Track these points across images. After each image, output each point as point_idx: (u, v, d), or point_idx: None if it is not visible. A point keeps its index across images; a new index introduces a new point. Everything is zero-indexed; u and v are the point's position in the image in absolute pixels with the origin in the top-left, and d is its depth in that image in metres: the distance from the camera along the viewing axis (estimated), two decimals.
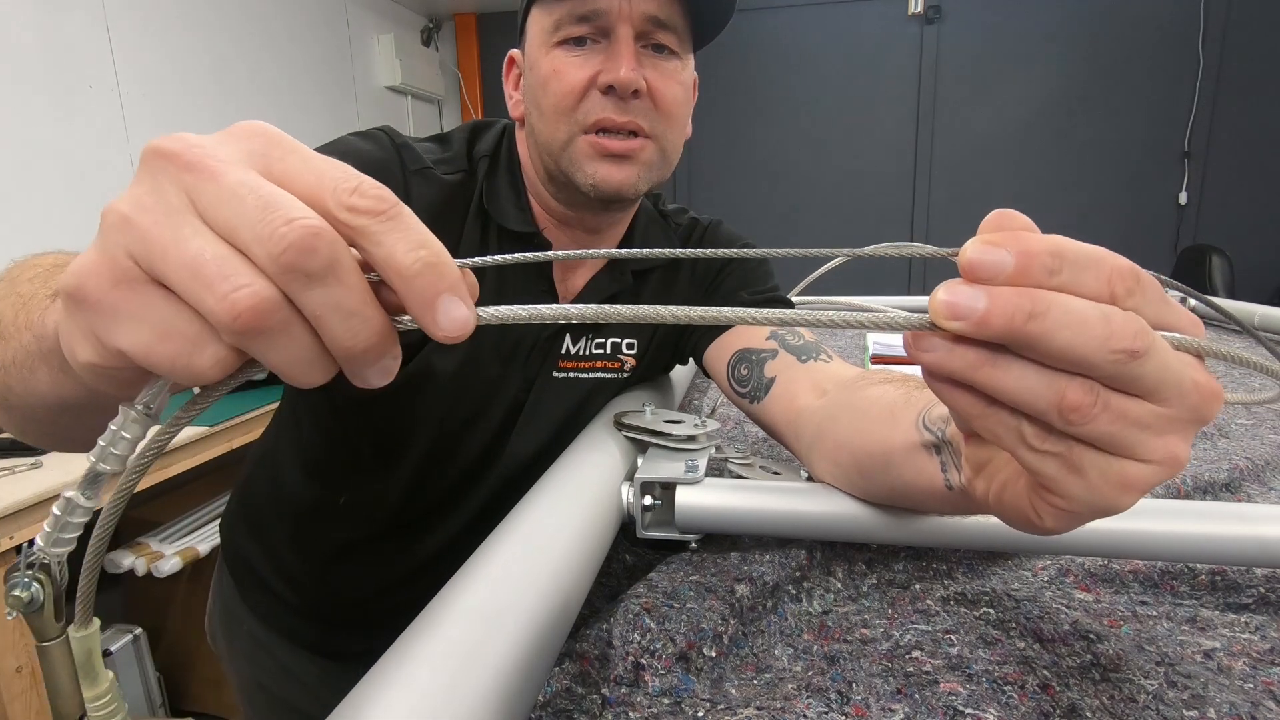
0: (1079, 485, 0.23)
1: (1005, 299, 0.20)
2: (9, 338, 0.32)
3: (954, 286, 0.20)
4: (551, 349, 0.67)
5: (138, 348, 0.19)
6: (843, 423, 0.49)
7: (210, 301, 0.19)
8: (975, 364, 0.21)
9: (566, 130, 0.58)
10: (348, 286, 0.20)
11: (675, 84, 0.59)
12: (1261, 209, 2.99)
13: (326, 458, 0.70)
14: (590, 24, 0.56)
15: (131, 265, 0.19)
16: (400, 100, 3.35)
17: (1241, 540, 0.42)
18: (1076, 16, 3.03)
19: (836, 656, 0.41)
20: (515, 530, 0.41)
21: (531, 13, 0.60)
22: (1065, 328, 0.20)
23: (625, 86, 0.56)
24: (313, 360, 0.21)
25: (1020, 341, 0.20)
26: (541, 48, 0.58)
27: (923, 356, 0.22)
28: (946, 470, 0.36)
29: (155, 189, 0.20)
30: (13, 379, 0.32)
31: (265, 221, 0.18)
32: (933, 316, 0.21)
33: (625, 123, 0.57)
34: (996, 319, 0.20)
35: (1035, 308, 0.20)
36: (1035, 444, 0.22)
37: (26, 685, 1.18)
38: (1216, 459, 0.69)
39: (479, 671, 0.29)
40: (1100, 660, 0.39)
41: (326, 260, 0.19)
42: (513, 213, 0.63)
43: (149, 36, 2.04)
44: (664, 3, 0.57)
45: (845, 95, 3.30)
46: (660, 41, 0.58)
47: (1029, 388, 0.21)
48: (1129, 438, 0.21)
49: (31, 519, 1.16)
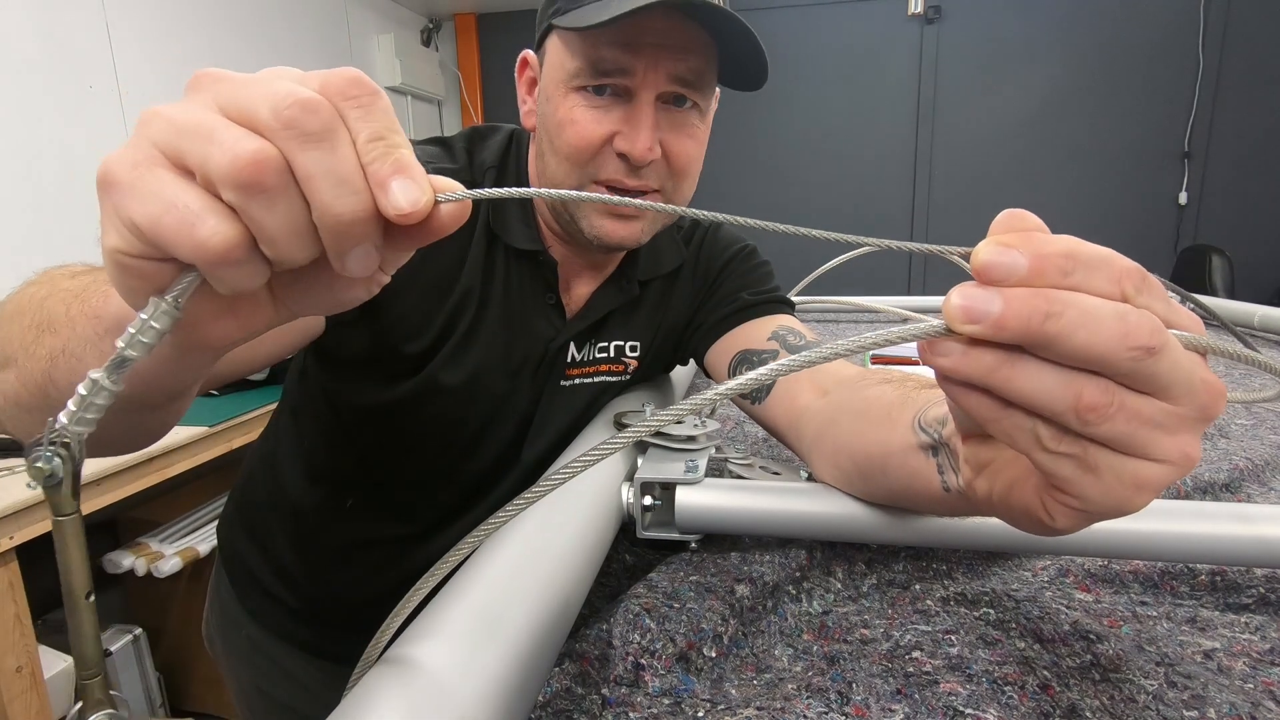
0: (1094, 486, 0.22)
1: (1021, 300, 0.20)
2: (59, 330, 0.33)
3: (968, 290, 0.20)
4: (558, 359, 0.67)
5: (147, 219, 0.21)
6: (842, 424, 0.49)
7: (216, 154, 0.20)
8: (991, 367, 0.21)
9: (577, 180, 0.57)
10: (341, 156, 0.21)
11: (691, 141, 0.58)
12: (1261, 209, 2.99)
13: (331, 463, 0.70)
14: (612, 79, 0.54)
15: (153, 150, 0.22)
16: (400, 100, 3.35)
17: (1241, 540, 0.42)
18: (1077, 16, 3.03)
19: (836, 657, 0.41)
20: (515, 530, 0.41)
21: (551, 38, 0.57)
22: (1082, 327, 0.19)
23: (641, 161, 0.55)
24: (303, 232, 0.22)
25: (1037, 342, 0.20)
26: (560, 85, 0.56)
27: (938, 362, 0.22)
28: (943, 472, 0.36)
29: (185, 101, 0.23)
30: (59, 370, 0.33)
31: (274, 92, 0.21)
32: (947, 321, 0.21)
33: (637, 186, 0.57)
34: (1013, 321, 0.20)
35: (1052, 308, 0.19)
36: (1051, 445, 0.22)
37: (26, 685, 1.18)
38: (1216, 459, 0.69)
39: (479, 671, 0.29)
40: (1100, 660, 0.39)
41: (325, 123, 0.21)
42: (519, 230, 0.62)
43: (149, 36, 2.04)
44: (693, 61, 0.54)
45: (845, 95, 3.30)
46: (683, 94, 0.56)
47: (1046, 389, 0.21)
48: (1143, 437, 0.21)
49: (31, 519, 1.16)
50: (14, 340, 0.35)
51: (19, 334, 0.35)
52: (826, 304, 1.68)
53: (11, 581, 1.15)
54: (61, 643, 1.47)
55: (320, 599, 0.74)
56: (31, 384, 0.34)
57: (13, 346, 0.35)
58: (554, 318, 0.66)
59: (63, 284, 0.35)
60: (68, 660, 1.37)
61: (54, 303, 0.34)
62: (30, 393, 0.35)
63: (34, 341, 0.33)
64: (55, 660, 1.35)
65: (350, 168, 0.22)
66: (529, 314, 0.64)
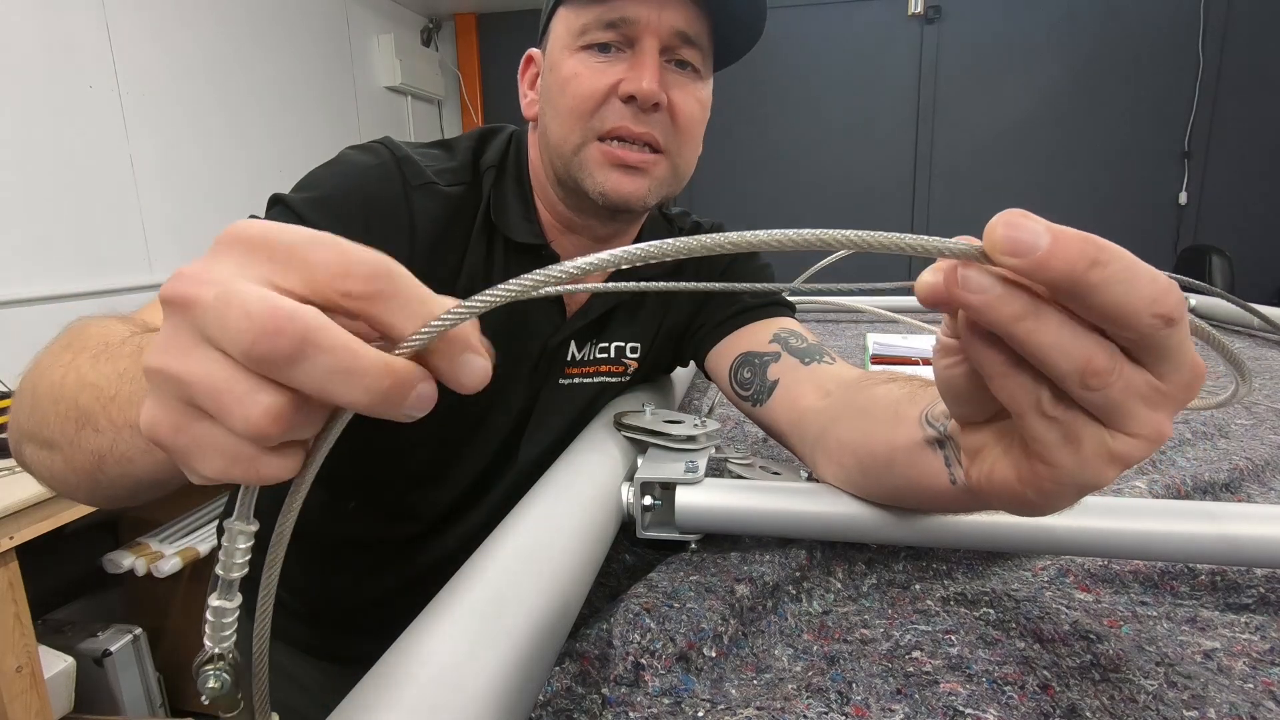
0: (1072, 456, 0.23)
1: (1070, 241, 0.19)
2: (101, 430, 0.33)
3: (1016, 220, 0.19)
4: (557, 357, 0.67)
5: (218, 474, 0.22)
6: (846, 423, 0.49)
7: (234, 427, 0.20)
8: (1018, 315, 0.20)
9: (580, 134, 0.57)
10: (330, 350, 0.19)
11: (695, 101, 0.59)
12: (1261, 209, 2.99)
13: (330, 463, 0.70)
14: (617, 31, 0.56)
15: (181, 406, 0.21)
16: (400, 100, 3.36)
17: (1241, 540, 0.42)
18: (1077, 16, 3.03)
19: (836, 656, 0.41)
20: (515, 530, 0.41)
21: (558, 13, 0.59)
22: (1121, 282, 0.19)
23: (647, 99, 0.55)
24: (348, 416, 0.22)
25: (1076, 289, 0.19)
26: (565, 50, 0.58)
27: (970, 298, 0.21)
28: (950, 465, 0.36)
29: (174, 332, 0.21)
30: (109, 466, 0.34)
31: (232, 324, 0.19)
32: (988, 248, 0.20)
33: (642, 133, 0.57)
34: (1059, 261, 0.19)
35: (1100, 256, 0.19)
36: (1048, 409, 0.22)
37: (26, 685, 1.18)
38: (1216, 459, 0.69)
39: (479, 671, 0.29)
40: (1100, 660, 0.39)
41: (296, 337, 0.19)
42: (520, 224, 0.62)
43: (149, 36, 2.04)
44: (693, 19, 0.56)
45: (845, 95, 3.30)
46: (684, 58, 0.58)
47: (1063, 346, 0.20)
48: (1129, 409, 0.22)
49: (31, 519, 1.16)
50: (51, 426, 0.36)
51: (57, 422, 0.35)
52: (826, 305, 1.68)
53: (11, 581, 1.15)
54: (61, 643, 1.47)
55: (320, 600, 0.74)
56: (81, 472, 0.36)
57: (51, 432, 0.36)
58: (554, 314, 0.66)
59: (88, 374, 0.35)
60: (68, 660, 1.37)
61: (86, 399, 0.34)
62: (79, 478, 0.36)
63: (75, 435, 0.34)
64: (55, 660, 1.35)
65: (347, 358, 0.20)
66: (529, 310, 0.64)
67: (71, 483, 0.38)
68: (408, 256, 0.57)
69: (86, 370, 0.35)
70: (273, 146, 2.54)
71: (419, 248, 0.57)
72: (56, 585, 1.64)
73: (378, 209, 0.55)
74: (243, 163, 2.39)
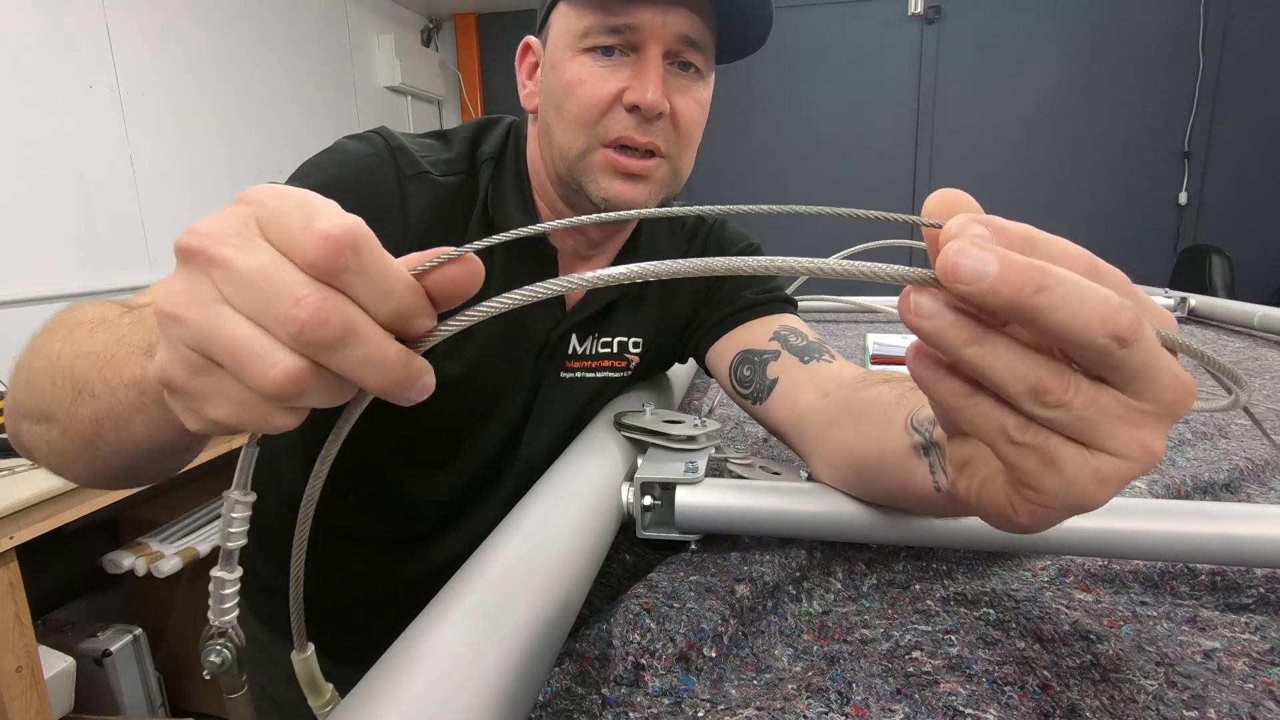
0: (1055, 479, 0.22)
1: (1017, 268, 0.19)
2: (98, 395, 0.34)
3: (965, 248, 0.20)
4: (558, 350, 0.67)
5: (227, 419, 0.23)
6: (841, 425, 0.49)
7: (252, 382, 0.22)
8: (968, 339, 0.21)
9: (585, 141, 0.57)
10: (365, 340, 0.22)
11: (696, 105, 0.59)
12: (1261, 209, 2.99)
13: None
14: (621, 36, 0.55)
15: (193, 354, 0.23)
16: (400, 100, 3.36)
17: (1241, 540, 0.42)
18: (1076, 16, 3.03)
19: (836, 657, 0.41)
20: (515, 530, 0.41)
21: (559, 6, 0.58)
22: (1067, 305, 0.19)
23: (651, 110, 0.55)
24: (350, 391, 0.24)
25: (1022, 313, 0.20)
26: (567, 49, 0.57)
27: (922, 324, 0.21)
28: (935, 472, 0.36)
29: (190, 284, 0.23)
30: (106, 430, 0.35)
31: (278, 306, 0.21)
32: (940, 274, 0.20)
33: (646, 143, 0.57)
34: (1006, 287, 0.19)
35: (1045, 281, 0.19)
36: (1016, 436, 0.22)
37: (26, 685, 1.18)
38: (1216, 459, 0.69)
39: (479, 671, 0.29)
40: (1100, 660, 0.39)
41: (340, 327, 0.21)
42: (518, 217, 0.62)
43: (149, 36, 2.04)
44: (698, 23, 0.56)
45: (845, 95, 3.30)
46: (687, 60, 0.57)
47: (1010, 367, 0.21)
48: (1103, 428, 0.21)
49: (31, 519, 1.16)
50: (48, 398, 0.37)
51: (52, 394, 0.36)
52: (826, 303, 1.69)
53: (11, 581, 1.15)
54: (61, 643, 1.47)
55: (322, 598, 0.74)
56: (79, 440, 0.36)
57: (48, 404, 0.37)
58: (554, 307, 0.66)
59: (85, 344, 0.36)
60: (67, 660, 1.37)
61: (83, 366, 0.35)
62: (77, 447, 0.37)
63: (71, 403, 0.35)
64: (55, 660, 1.35)
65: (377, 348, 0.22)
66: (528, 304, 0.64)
67: (70, 454, 0.38)
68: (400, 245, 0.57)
69: (84, 340, 0.36)
70: (273, 146, 2.54)
71: (412, 237, 0.57)
72: (56, 585, 1.65)
73: (370, 197, 0.55)
74: (243, 162, 2.39)
